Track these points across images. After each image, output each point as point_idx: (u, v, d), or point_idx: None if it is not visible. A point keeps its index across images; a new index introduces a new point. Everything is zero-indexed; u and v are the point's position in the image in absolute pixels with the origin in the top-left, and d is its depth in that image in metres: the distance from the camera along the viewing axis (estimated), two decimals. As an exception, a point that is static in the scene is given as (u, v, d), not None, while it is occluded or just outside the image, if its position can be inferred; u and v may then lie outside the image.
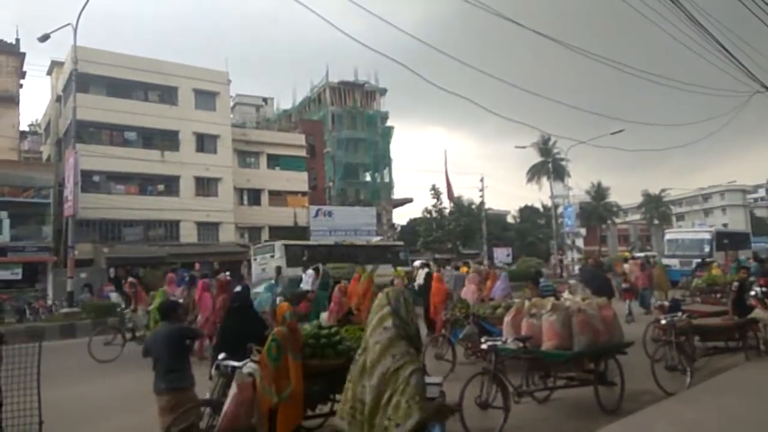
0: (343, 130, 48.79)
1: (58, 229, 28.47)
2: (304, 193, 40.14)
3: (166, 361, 5.30)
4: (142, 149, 32.41)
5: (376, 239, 38.08)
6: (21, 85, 31.36)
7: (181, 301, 10.44)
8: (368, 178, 51.07)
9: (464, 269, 16.88)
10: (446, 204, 42.10)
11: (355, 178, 49.87)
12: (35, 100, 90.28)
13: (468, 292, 11.42)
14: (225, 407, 5.02)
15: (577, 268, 24.39)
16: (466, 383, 6.17)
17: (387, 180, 51.15)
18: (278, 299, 10.34)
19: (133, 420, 6.87)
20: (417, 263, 15.76)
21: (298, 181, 39.73)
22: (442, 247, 40.17)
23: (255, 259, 26.05)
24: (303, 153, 40.73)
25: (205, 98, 35.30)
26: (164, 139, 33.39)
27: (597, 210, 55.68)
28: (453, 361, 9.26)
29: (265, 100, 54.71)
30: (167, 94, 34.31)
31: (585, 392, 6.96)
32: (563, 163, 48.12)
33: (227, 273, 14.70)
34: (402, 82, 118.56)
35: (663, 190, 64.51)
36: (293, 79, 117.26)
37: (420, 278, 13.27)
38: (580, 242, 55.63)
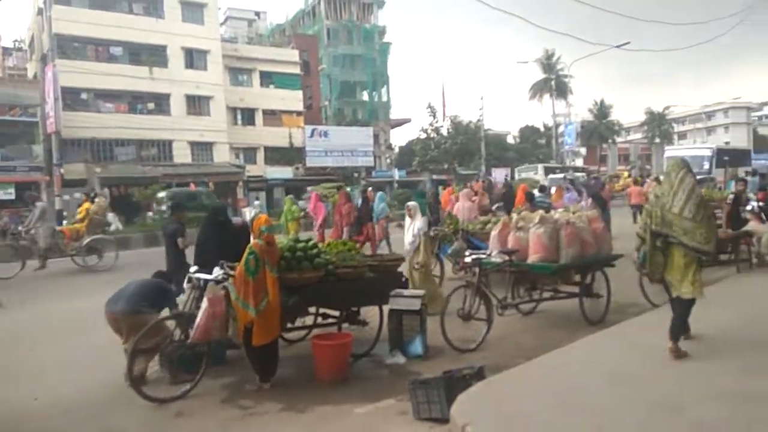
0: (339, 46, 46.97)
1: (48, 149, 28.00)
2: (299, 113, 39.23)
3: None
4: (129, 65, 31.23)
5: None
6: (-2, -2, 29.77)
7: None
8: (365, 97, 49.76)
9: (478, 185, 16.44)
10: (443, 123, 41.22)
11: (352, 97, 48.60)
12: (20, 15, 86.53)
13: (461, 208, 11.21)
14: (197, 320, 4.92)
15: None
16: (448, 296, 6.10)
17: (385, 99, 49.90)
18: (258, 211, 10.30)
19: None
20: None
21: (293, 99, 38.67)
22: (439, 168, 39.72)
23: None
24: (297, 70, 39.38)
25: (193, 10, 33.63)
26: (152, 55, 32.11)
27: (598, 129, 54.73)
28: (441, 276, 9.22)
29: (257, 14, 52.32)
30: (152, 6, 32.69)
31: (570, 304, 6.90)
32: (566, 79, 46.75)
33: (369, 187, 18.36)
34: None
35: (666, 108, 63.10)
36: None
37: None
38: (579, 161, 55.07)
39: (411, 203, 8.52)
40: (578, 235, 6.59)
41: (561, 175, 17.42)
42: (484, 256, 6.49)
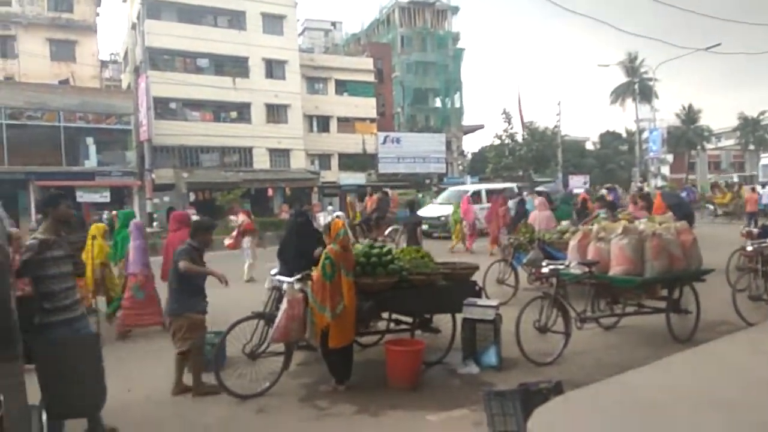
0: (412, 53, 47.17)
1: (141, 155, 29.97)
2: (372, 120, 39.73)
3: None
4: (214, 76, 32.86)
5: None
6: (98, 14, 32.21)
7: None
8: (438, 103, 49.61)
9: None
10: (518, 129, 40.40)
11: (425, 104, 48.62)
12: (115, 29, 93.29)
13: (537, 217, 10.94)
14: (277, 320, 5.11)
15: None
16: (524, 307, 5.97)
17: (458, 105, 49.51)
18: (336, 215, 10.55)
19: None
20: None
21: (366, 107, 39.26)
22: (513, 174, 38.92)
23: None
24: (371, 78, 39.96)
25: (273, 22, 34.94)
26: (235, 66, 33.64)
27: (686, 135, 51.63)
28: (515, 286, 9.05)
29: (333, 24, 53.56)
30: (235, 19, 34.21)
31: (656, 320, 6.57)
32: (651, 83, 44.52)
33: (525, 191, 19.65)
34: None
35: (762, 113, 58.63)
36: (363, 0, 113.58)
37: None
38: (665, 169, 52.14)
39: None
40: (665, 247, 6.25)
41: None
42: (562, 266, 6.31)
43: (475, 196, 19.86)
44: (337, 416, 4.68)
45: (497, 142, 40.56)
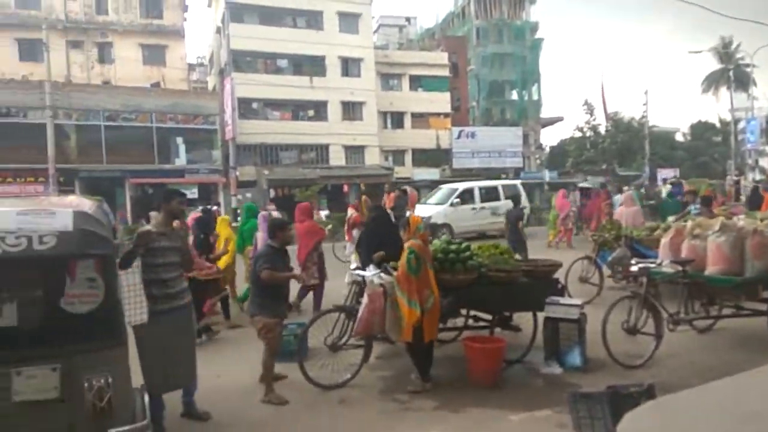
0: (488, 45, 46.33)
1: (226, 154, 31.41)
2: (446, 115, 39.41)
3: None
4: (293, 76, 33.83)
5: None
6: (185, 19, 34.00)
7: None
8: (515, 96, 48.44)
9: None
10: (601, 121, 38.67)
11: (501, 97, 47.63)
12: (201, 34, 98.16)
13: (623, 213, 10.44)
14: (359, 314, 5.19)
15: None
16: (611, 306, 5.73)
17: (535, 97, 48.10)
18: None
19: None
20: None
21: (441, 102, 38.98)
22: (595, 168, 37.33)
23: None
24: (446, 72, 39.61)
25: (349, 21, 35.45)
26: (312, 65, 34.45)
27: (789, 124, 47.44)
28: (600, 284, 8.70)
29: (408, 19, 53.60)
30: (313, 19, 35.01)
31: (756, 324, 6.10)
32: (748, 69, 41.26)
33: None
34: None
35: None
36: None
37: None
38: (765, 162, 48.21)
39: None
40: (768, 245, 5.79)
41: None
42: (652, 265, 6.00)
43: (467, 195, 18.86)
44: (417, 411, 4.70)
45: (578, 134, 39.05)
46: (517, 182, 21.96)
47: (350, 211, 13.13)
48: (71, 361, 2.90)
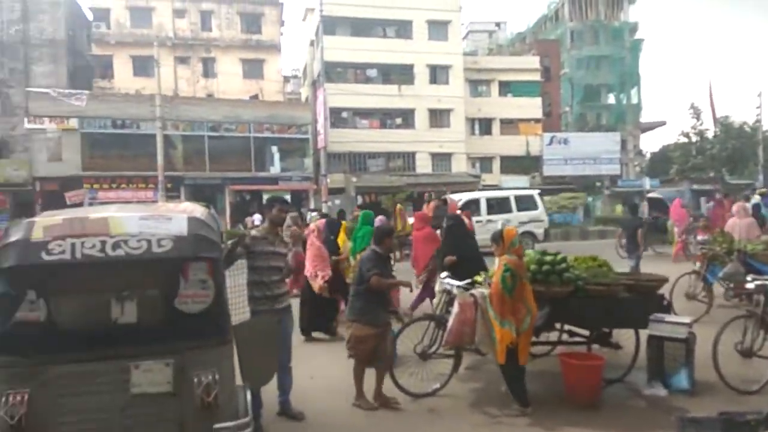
0: (582, 48, 44.63)
1: (316, 162, 32.46)
2: (537, 120, 38.35)
3: None
4: (381, 85, 34.42)
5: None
6: (282, 33, 35.59)
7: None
8: (612, 99, 46.27)
9: None
10: (709, 125, 35.96)
11: (596, 101, 45.63)
12: (294, 47, 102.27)
13: (736, 225, 9.60)
14: (449, 324, 5.14)
15: None
16: (723, 326, 5.30)
17: (635, 101, 45.65)
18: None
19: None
20: None
21: (531, 107, 38.02)
22: (702, 176, 34.73)
23: None
24: (537, 77, 38.61)
25: (438, 28, 35.54)
26: (401, 74, 34.84)
27: None
28: (709, 302, 8.08)
29: (498, 24, 52.92)
30: (402, 28, 35.45)
31: None
32: None
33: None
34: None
35: None
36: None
37: None
38: None
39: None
40: None
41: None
42: (773, 282, 5.48)
43: (472, 206, 16.56)
44: (509, 426, 4.59)
45: (684, 140, 36.61)
46: (535, 192, 19.40)
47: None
48: (183, 357, 3.09)
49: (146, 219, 3.24)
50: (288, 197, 29.79)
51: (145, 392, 3.02)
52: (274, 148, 31.55)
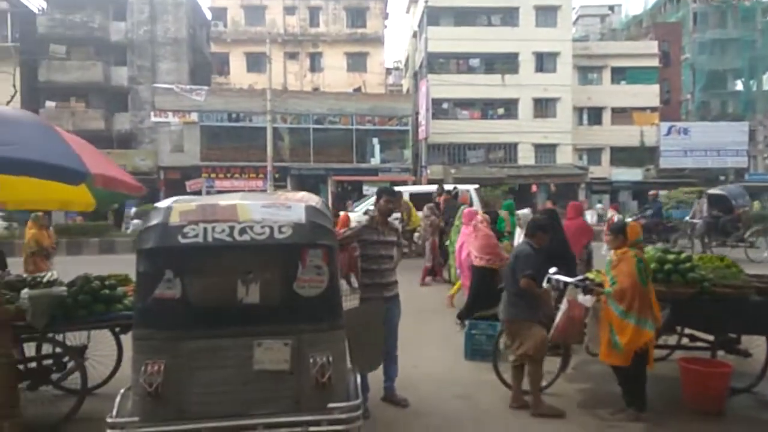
0: (707, 31, 40.93)
1: (415, 153, 32.63)
2: (653, 109, 35.80)
3: None
4: (483, 75, 33.76)
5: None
6: (385, 26, 35.98)
7: None
8: (739, 86, 42.11)
9: None
10: None
11: (721, 88, 41.74)
12: (398, 40, 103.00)
13: None
14: (556, 320, 4.98)
15: None
16: None
17: (766, 88, 41.27)
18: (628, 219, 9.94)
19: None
20: None
21: (647, 95, 35.51)
22: None
23: None
24: (654, 63, 35.98)
25: (546, 14, 34.20)
26: (505, 63, 33.98)
27: None
28: None
29: (611, 8, 49.94)
30: (508, 16, 34.50)
31: None
32: None
33: None
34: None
35: None
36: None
37: None
38: None
39: (521, 212, 7.36)
40: None
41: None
42: None
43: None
44: (622, 429, 4.38)
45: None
46: (472, 188, 16.81)
47: (610, 212, 12.52)
48: (299, 338, 3.25)
49: (268, 207, 3.43)
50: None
51: (266, 369, 3.21)
52: (375, 140, 32.07)
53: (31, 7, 32.70)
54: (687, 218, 15.90)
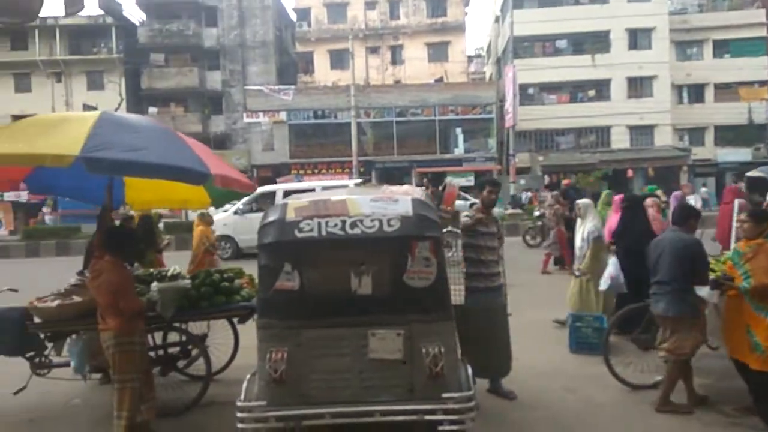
0: (825, -8, 36.83)
1: (500, 141, 31.96)
2: (762, 83, 32.79)
3: None
4: (571, 56, 32.40)
5: None
6: (466, 13, 35.43)
7: None
8: None
9: None
10: None
11: None
12: (477, 27, 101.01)
13: None
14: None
15: None
16: None
17: None
18: None
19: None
20: None
21: (754, 68, 32.50)
22: None
23: None
24: (762, 32, 32.90)
25: (639, -12, 32.26)
26: (595, 42, 32.43)
27: None
28: None
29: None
30: (598, -8, 32.91)
31: None
32: None
33: None
34: None
35: None
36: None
37: None
38: None
39: (581, 201, 6.65)
40: None
41: None
42: None
43: (267, 200, 13.94)
44: (746, 428, 4.09)
45: None
46: (349, 183, 15.24)
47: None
48: (411, 328, 3.32)
49: (376, 201, 3.51)
50: (471, 178, 29.93)
51: (380, 358, 3.31)
52: (458, 130, 31.78)
53: (133, 20, 35.24)
54: None
